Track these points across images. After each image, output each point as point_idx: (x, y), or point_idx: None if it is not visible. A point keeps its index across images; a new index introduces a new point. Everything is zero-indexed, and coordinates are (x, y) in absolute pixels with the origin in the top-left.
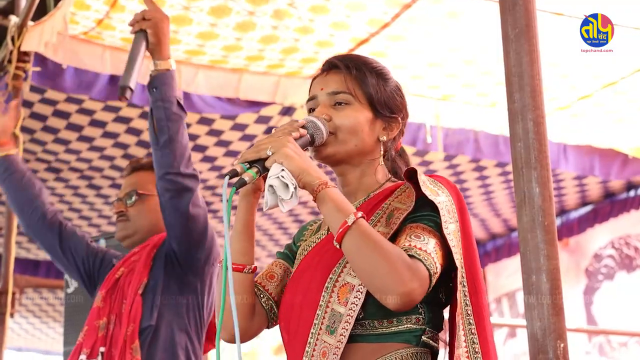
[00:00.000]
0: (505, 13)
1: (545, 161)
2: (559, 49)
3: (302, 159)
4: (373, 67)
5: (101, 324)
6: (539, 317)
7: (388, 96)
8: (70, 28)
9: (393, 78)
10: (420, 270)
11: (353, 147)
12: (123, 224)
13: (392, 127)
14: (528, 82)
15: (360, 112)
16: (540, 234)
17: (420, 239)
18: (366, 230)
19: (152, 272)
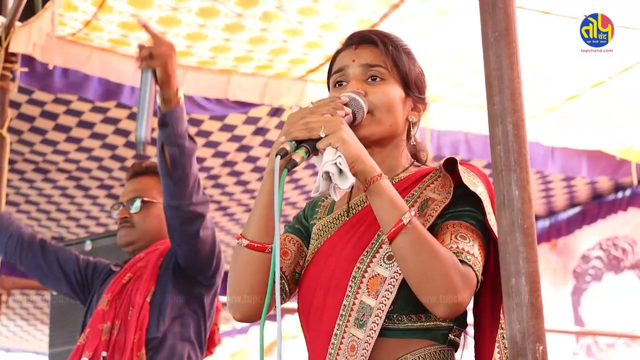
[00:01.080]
0: (485, 16)
1: (524, 164)
2: (546, 48)
3: (357, 145)
4: (403, 46)
5: (105, 328)
6: (518, 319)
7: (417, 76)
8: (58, 29)
9: (417, 61)
10: (471, 279)
11: (388, 127)
12: (127, 230)
13: (419, 109)
14: (508, 85)
15: (394, 89)
16: (520, 237)
17: (466, 240)
18: (421, 232)
19: (160, 282)
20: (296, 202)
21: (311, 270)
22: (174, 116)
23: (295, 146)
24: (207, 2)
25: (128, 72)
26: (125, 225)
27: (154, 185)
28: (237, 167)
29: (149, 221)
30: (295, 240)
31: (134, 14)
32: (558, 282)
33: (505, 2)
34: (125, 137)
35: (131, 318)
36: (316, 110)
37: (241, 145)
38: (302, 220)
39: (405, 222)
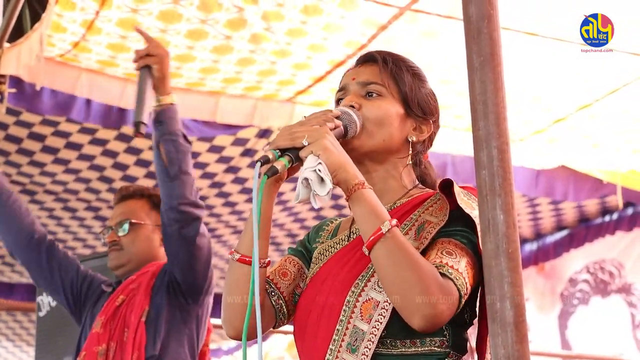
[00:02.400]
0: (470, 41)
1: (509, 188)
2: (533, 71)
3: (340, 153)
4: (410, 66)
5: (100, 350)
6: (502, 344)
7: (422, 97)
8: (47, 50)
9: (428, 83)
10: (450, 292)
11: (381, 141)
12: (116, 253)
13: (423, 130)
14: (492, 109)
15: (390, 105)
16: (504, 261)
17: (452, 256)
18: (401, 240)
19: (153, 301)
20: (284, 223)
21: (307, 293)
22: (168, 115)
23: (279, 155)
24: (195, 25)
25: (116, 94)
26: (114, 249)
27: (142, 207)
28: (225, 188)
29: (138, 243)
30: (295, 262)
31: (132, 24)
32: (545, 305)
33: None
34: (113, 158)
35: (127, 339)
36: (306, 122)
37: (229, 166)
38: (305, 244)
39: (384, 231)
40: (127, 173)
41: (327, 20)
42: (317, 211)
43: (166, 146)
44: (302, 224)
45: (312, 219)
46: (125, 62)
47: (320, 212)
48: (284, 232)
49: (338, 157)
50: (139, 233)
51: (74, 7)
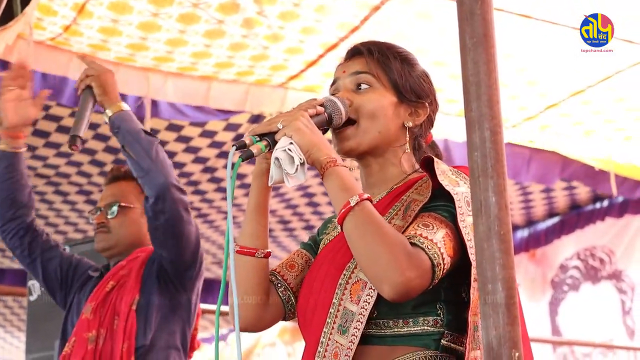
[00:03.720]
0: (463, 22)
1: (501, 170)
2: (527, 54)
3: (314, 133)
4: (397, 52)
5: (90, 337)
6: (494, 326)
7: (414, 81)
8: (37, 34)
9: (419, 65)
10: (420, 259)
11: (377, 134)
12: (104, 235)
13: (419, 113)
14: (485, 91)
15: (383, 96)
16: (496, 243)
17: (428, 227)
18: (369, 213)
19: (144, 289)
20: (276, 209)
21: (306, 280)
22: (121, 118)
23: (257, 140)
24: (187, 8)
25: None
26: (102, 230)
27: (132, 190)
28: (217, 173)
29: (126, 226)
30: (303, 254)
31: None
32: (536, 292)
33: (484, 8)
34: (104, 142)
35: (117, 327)
36: (292, 110)
37: (221, 151)
38: (315, 237)
39: (352, 204)
40: (119, 157)
41: (320, 2)
42: (310, 197)
43: (130, 146)
44: (294, 210)
45: (304, 205)
46: (117, 46)
47: (312, 198)
48: (276, 219)
49: (310, 137)
50: (127, 216)
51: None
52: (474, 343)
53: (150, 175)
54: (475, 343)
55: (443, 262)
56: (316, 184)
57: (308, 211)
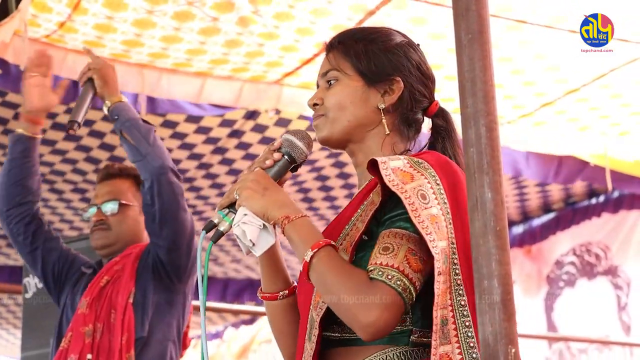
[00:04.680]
0: (458, 18)
1: (497, 166)
2: (522, 54)
3: (264, 195)
4: (359, 36)
5: (87, 331)
6: (490, 322)
7: (380, 58)
8: (32, 31)
9: (391, 39)
10: (382, 294)
11: (346, 123)
12: (103, 232)
13: (393, 90)
14: (481, 87)
15: (346, 86)
16: (492, 240)
17: (388, 251)
18: (324, 264)
19: (139, 283)
20: None
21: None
22: (120, 107)
23: (225, 214)
24: (182, 6)
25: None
26: (101, 228)
27: (129, 188)
28: (213, 169)
29: (126, 224)
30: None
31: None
32: (531, 288)
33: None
34: (100, 139)
35: (115, 320)
36: (250, 167)
37: (217, 147)
38: None
39: (307, 259)
40: (115, 154)
41: (315, 4)
42: (305, 192)
43: (128, 131)
44: None
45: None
46: (112, 43)
47: (308, 194)
48: None
49: (260, 201)
50: (127, 214)
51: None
52: (442, 338)
53: (148, 158)
54: (444, 338)
55: (410, 283)
56: (310, 180)
57: (303, 207)
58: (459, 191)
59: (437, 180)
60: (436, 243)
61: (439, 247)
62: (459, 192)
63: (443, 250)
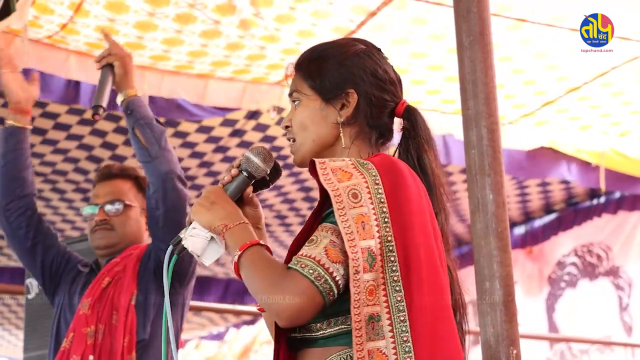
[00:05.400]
0: (460, 21)
1: (498, 168)
2: (523, 53)
3: (209, 210)
4: (315, 53)
5: (89, 332)
6: (492, 323)
7: (332, 74)
8: (34, 32)
9: (344, 52)
10: (294, 282)
11: (311, 142)
12: (106, 232)
13: (349, 102)
14: (482, 89)
15: (306, 106)
16: (494, 241)
17: (312, 242)
18: (249, 260)
19: (141, 285)
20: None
21: None
22: (135, 104)
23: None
24: (184, 9)
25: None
26: (104, 227)
27: (130, 189)
28: (214, 167)
29: (129, 225)
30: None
31: (101, 27)
32: (533, 289)
33: (480, 7)
34: (102, 137)
35: (117, 322)
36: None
37: (218, 146)
38: None
39: (236, 260)
40: (116, 153)
41: (316, 6)
42: (307, 192)
43: (141, 130)
44: (290, 204)
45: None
46: None
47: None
48: (273, 214)
49: (205, 215)
50: (129, 215)
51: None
52: (372, 334)
53: (157, 162)
54: (376, 334)
55: (326, 272)
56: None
57: (305, 206)
58: (402, 191)
59: (378, 180)
60: (356, 242)
61: (359, 247)
62: (401, 192)
63: (366, 249)
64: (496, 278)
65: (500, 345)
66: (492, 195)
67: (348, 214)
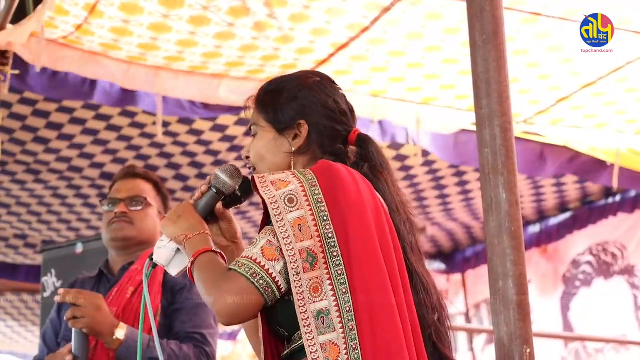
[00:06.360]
0: (473, 19)
1: (512, 167)
2: (537, 48)
3: (175, 223)
4: (271, 87)
5: None
6: (505, 322)
7: (285, 108)
8: (49, 32)
9: (297, 85)
10: (232, 281)
11: (268, 171)
12: (126, 224)
13: (301, 132)
14: (495, 88)
15: (262, 138)
16: (507, 240)
17: (252, 244)
18: (199, 265)
19: (164, 298)
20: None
21: None
22: (125, 351)
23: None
24: (197, 11)
25: (119, 75)
26: (124, 220)
27: (151, 190)
28: None
29: (147, 222)
30: None
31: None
32: (547, 288)
33: (493, 5)
34: (117, 132)
35: None
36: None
37: (232, 145)
38: None
39: (189, 265)
40: (132, 143)
41: (330, 4)
42: None
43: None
44: None
45: None
46: (128, 46)
47: None
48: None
49: (171, 228)
50: (149, 213)
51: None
52: (323, 328)
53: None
54: (326, 327)
55: (262, 270)
56: None
57: None
58: (339, 189)
59: (315, 182)
60: (293, 245)
61: (297, 249)
62: (339, 190)
63: (305, 250)
64: (510, 277)
65: (514, 343)
66: (505, 194)
67: (285, 219)
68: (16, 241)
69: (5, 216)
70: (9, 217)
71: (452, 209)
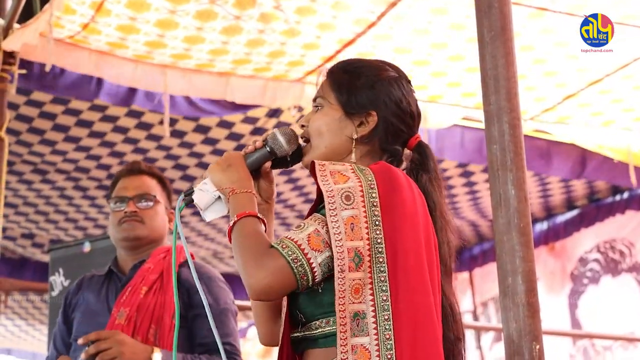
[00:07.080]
0: (481, 16)
1: (521, 163)
2: (544, 45)
3: (223, 171)
4: (350, 67)
5: None
6: (514, 318)
7: (360, 92)
8: (56, 32)
9: (377, 74)
10: (271, 259)
11: (323, 149)
12: (137, 224)
13: (369, 122)
14: (504, 84)
15: (326, 114)
16: (516, 236)
17: (299, 228)
18: (242, 229)
19: (181, 301)
20: (294, 204)
21: None
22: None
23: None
24: (204, 5)
25: (127, 74)
26: (135, 219)
27: (157, 187)
28: None
29: (157, 220)
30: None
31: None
32: (555, 285)
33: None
34: (124, 134)
35: (158, 340)
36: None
37: (239, 144)
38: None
39: (231, 224)
40: (139, 146)
41: None
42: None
43: None
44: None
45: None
46: (135, 44)
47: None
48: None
49: (218, 175)
50: (158, 210)
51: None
52: (357, 330)
53: None
54: (360, 330)
55: (304, 257)
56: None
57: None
58: (396, 196)
59: (373, 184)
60: (343, 242)
61: (346, 247)
62: (396, 197)
63: (353, 250)
64: (519, 273)
65: (523, 340)
66: (514, 190)
67: (339, 215)
68: (24, 240)
69: (13, 216)
70: (17, 216)
71: (459, 207)
